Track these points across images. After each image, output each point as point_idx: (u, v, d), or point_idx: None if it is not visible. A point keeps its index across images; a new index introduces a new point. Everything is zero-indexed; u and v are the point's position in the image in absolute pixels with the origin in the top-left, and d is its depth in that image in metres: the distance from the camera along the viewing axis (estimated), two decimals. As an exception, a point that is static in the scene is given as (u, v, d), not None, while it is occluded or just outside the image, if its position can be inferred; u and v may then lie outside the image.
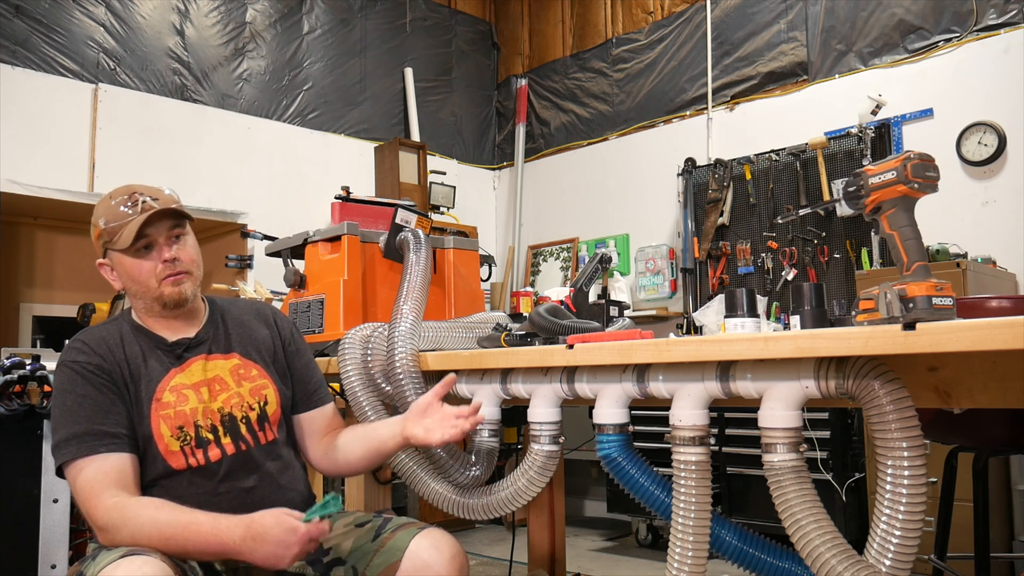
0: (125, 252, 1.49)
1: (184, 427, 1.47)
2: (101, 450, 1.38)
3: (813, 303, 1.49)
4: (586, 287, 2.19)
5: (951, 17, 3.82)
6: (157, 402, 1.47)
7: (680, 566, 1.37)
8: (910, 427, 1.18)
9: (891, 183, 1.22)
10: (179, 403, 1.48)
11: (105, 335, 1.52)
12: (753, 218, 4.36)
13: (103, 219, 1.50)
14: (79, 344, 1.51)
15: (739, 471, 3.58)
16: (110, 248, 1.51)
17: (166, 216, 1.51)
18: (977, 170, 3.67)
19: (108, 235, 1.49)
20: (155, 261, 1.50)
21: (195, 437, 1.47)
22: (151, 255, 1.50)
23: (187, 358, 1.54)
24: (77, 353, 1.48)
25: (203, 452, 1.47)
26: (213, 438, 1.49)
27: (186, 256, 1.53)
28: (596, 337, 1.56)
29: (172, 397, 1.49)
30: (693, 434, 1.41)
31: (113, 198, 1.51)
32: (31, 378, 1.95)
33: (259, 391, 1.58)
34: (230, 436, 1.51)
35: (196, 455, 1.47)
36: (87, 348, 1.49)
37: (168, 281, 1.51)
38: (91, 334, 1.53)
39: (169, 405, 1.47)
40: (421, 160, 4.87)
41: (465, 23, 5.79)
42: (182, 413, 1.47)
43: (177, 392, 1.50)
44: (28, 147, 3.67)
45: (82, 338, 1.52)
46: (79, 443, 1.38)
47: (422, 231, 2.13)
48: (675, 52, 4.89)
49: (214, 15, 4.45)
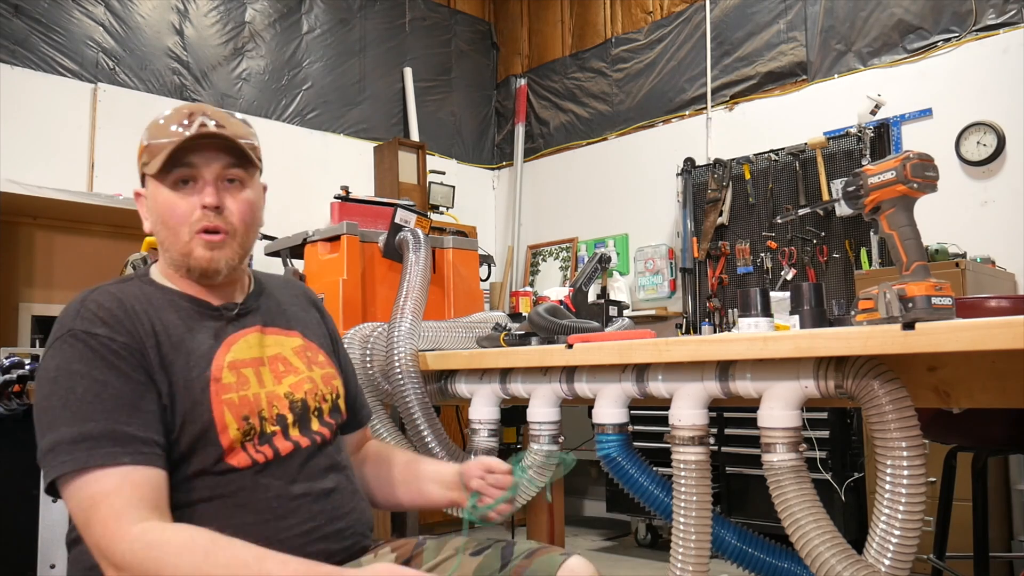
0: (160, 180, 1.14)
1: (250, 417, 1.12)
2: (124, 460, 0.99)
3: (812, 303, 1.49)
4: (585, 287, 2.19)
5: (950, 17, 3.82)
6: (216, 383, 1.11)
7: (683, 566, 1.37)
8: (909, 427, 1.18)
9: (890, 183, 1.22)
10: (241, 386, 1.13)
11: (125, 297, 1.12)
12: (752, 218, 4.36)
13: (147, 134, 1.17)
14: (93, 307, 1.09)
15: (738, 471, 3.58)
16: (146, 172, 1.16)
17: (222, 148, 1.14)
18: (976, 170, 3.67)
19: (147, 155, 1.15)
20: (194, 203, 1.13)
21: (259, 431, 1.12)
22: (192, 194, 1.14)
23: (238, 328, 1.19)
24: (93, 321, 1.07)
25: (268, 446, 1.13)
26: (279, 429, 1.15)
27: (236, 211, 1.16)
28: (595, 337, 1.56)
29: (232, 377, 1.13)
30: (693, 434, 1.41)
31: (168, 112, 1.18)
32: (30, 378, 1.94)
33: (330, 380, 1.27)
34: (299, 427, 1.17)
35: (261, 449, 1.12)
36: (106, 314, 1.08)
37: (203, 238, 1.13)
38: (106, 295, 1.12)
39: (231, 387, 1.12)
40: (420, 160, 4.87)
41: (464, 23, 5.78)
42: (246, 399, 1.12)
43: (236, 371, 1.14)
44: (27, 147, 3.66)
45: (97, 299, 1.10)
46: (92, 447, 0.98)
47: (421, 231, 2.14)
48: (674, 52, 4.89)
49: (213, 15, 4.44)
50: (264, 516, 1.08)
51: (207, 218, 1.13)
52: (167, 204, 1.14)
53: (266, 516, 1.08)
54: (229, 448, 1.09)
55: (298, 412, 1.18)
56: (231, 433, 1.09)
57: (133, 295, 1.14)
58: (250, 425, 1.11)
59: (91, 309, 1.09)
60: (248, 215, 1.18)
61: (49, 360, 1.06)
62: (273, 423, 1.14)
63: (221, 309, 1.19)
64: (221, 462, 1.08)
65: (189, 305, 1.17)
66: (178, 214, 1.13)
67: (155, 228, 1.18)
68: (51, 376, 1.05)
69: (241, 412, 1.11)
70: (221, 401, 1.10)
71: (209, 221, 1.13)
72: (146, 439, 1.02)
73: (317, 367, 1.25)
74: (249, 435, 1.11)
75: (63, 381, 1.03)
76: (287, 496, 1.11)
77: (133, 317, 1.10)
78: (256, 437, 1.12)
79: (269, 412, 1.14)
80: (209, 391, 1.10)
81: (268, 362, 1.19)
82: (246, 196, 1.18)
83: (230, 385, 1.12)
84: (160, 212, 1.15)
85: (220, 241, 1.14)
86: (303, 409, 1.19)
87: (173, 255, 1.16)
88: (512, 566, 1.16)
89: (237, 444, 1.10)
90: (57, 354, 1.06)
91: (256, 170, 1.20)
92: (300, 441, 1.16)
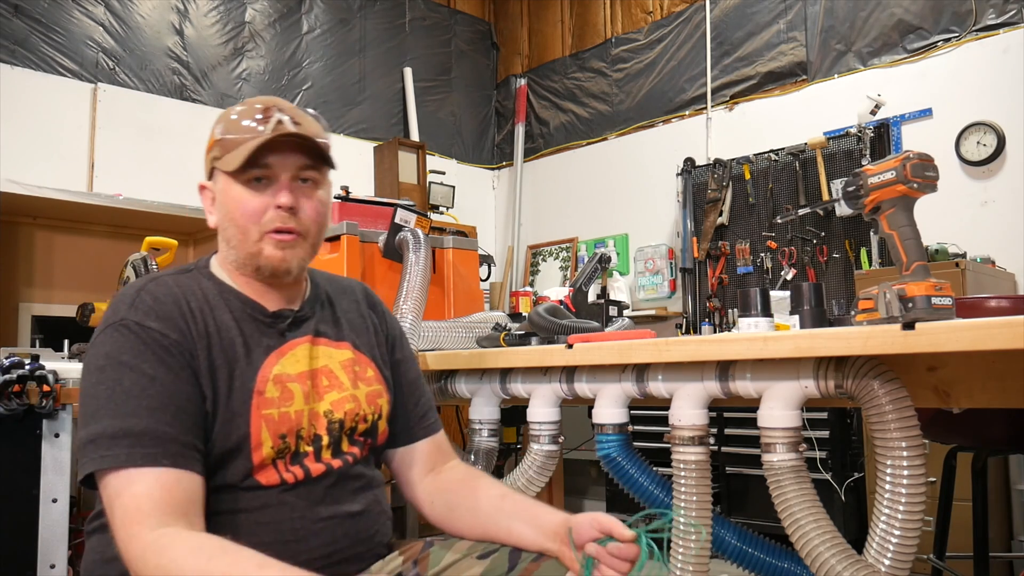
0: (234, 177, 1.10)
1: (287, 436, 1.08)
2: (164, 462, 0.97)
3: (812, 303, 1.49)
4: (585, 287, 2.19)
5: (950, 17, 3.82)
6: (259, 396, 1.07)
7: (683, 566, 1.37)
8: (909, 427, 1.18)
9: (890, 183, 1.22)
10: (283, 401, 1.09)
11: (181, 292, 1.09)
12: (752, 218, 4.36)
13: (220, 127, 1.13)
14: (149, 299, 1.06)
15: (738, 471, 3.58)
16: (218, 167, 1.12)
17: (298, 148, 1.11)
18: (976, 170, 3.67)
19: (220, 149, 1.11)
20: (267, 202, 1.10)
21: (293, 450, 1.09)
22: (265, 192, 1.10)
23: (289, 338, 1.14)
24: (147, 314, 1.04)
25: (300, 466, 1.09)
26: (312, 450, 1.11)
27: (310, 211, 1.13)
28: (595, 337, 1.56)
29: (276, 392, 1.09)
30: (692, 434, 1.41)
31: (243, 107, 1.14)
32: (30, 378, 1.94)
33: (375, 399, 1.20)
34: (331, 449, 1.13)
35: (292, 469, 1.08)
36: (161, 309, 1.05)
37: (273, 238, 1.10)
38: (164, 287, 1.09)
39: (273, 403, 1.08)
40: (420, 160, 4.87)
41: (464, 23, 5.78)
42: (286, 416, 1.09)
43: (281, 385, 1.10)
44: (27, 147, 3.66)
45: (153, 292, 1.07)
46: (132, 445, 0.96)
47: (421, 231, 2.13)
48: (674, 52, 4.89)
49: (213, 15, 4.44)
50: (284, 536, 1.05)
51: (280, 219, 1.10)
52: (239, 201, 1.10)
53: (287, 537, 1.05)
54: (260, 465, 1.06)
55: (335, 434, 1.14)
56: (264, 450, 1.06)
57: (191, 291, 1.11)
58: (286, 444, 1.08)
59: (146, 301, 1.05)
60: (321, 216, 1.15)
61: (99, 347, 1.03)
62: (308, 443, 1.11)
63: (275, 317, 1.15)
64: (249, 478, 1.05)
65: (243, 308, 1.13)
66: (249, 212, 1.10)
67: (222, 224, 1.14)
68: (100, 364, 1.02)
69: (279, 430, 1.08)
70: (260, 416, 1.06)
71: (283, 222, 1.10)
72: (186, 442, 1.00)
73: (363, 383, 1.20)
74: (282, 453, 1.08)
75: (111, 371, 1.00)
76: (311, 518, 1.07)
77: (187, 316, 1.07)
78: (289, 455, 1.09)
79: (307, 432, 1.11)
80: (250, 404, 1.06)
81: (313, 376, 1.15)
82: (320, 196, 1.15)
83: (272, 400, 1.08)
84: (230, 209, 1.11)
85: (292, 241, 1.11)
86: (339, 430, 1.14)
87: (240, 254, 1.13)
88: (519, 569, 1.12)
89: (269, 461, 1.07)
90: (107, 341, 1.03)
91: (329, 169, 1.17)
92: (332, 463, 1.12)
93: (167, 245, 2.81)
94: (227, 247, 1.15)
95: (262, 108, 1.12)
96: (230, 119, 1.13)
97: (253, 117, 1.11)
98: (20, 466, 1.96)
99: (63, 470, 1.98)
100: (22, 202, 3.49)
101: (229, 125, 1.12)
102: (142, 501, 0.94)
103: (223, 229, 1.14)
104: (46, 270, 3.87)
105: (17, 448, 1.96)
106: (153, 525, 0.93)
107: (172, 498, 0.96)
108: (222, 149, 1.11)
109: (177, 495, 0.96)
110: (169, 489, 0.96)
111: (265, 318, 1.14)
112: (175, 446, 0.98)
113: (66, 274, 3.90)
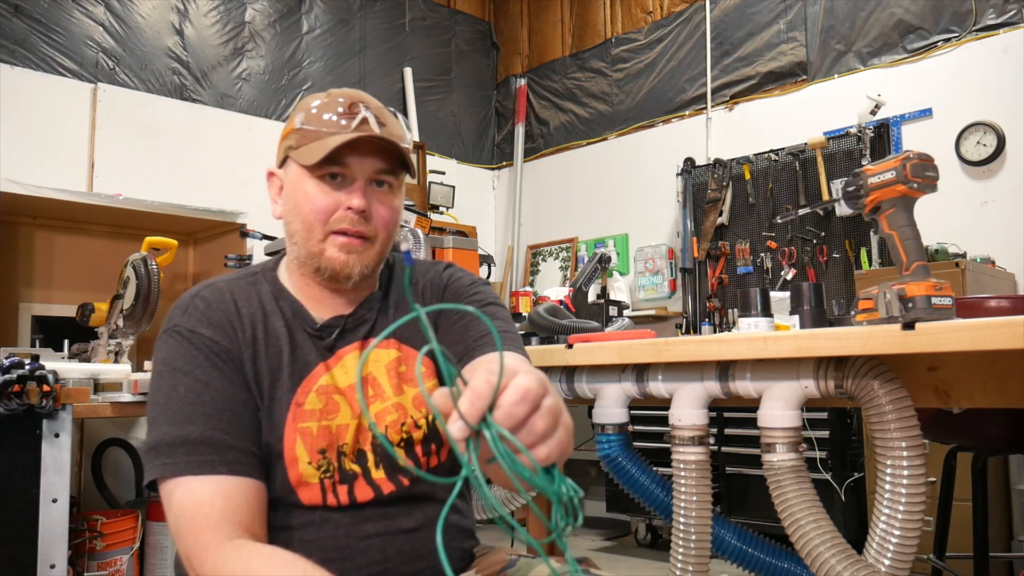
0: (309, 171, 1.05)
1: (327, 451, 1.03)
2: (222, 469, 0.95)
3: (812, 303, 1.49)
4: (585, 287, 2.19)
5: (950, 17, 3.82)
6: (297, 408, 1.03)
7: (683, 566, 1.37)
8: (909, 427, 1.18)
9: (890, 183, 1.22)
10: (326, 414, 1.04)
11: (234, 298, 1.07)
12: (752, 218, 4.36)
13: (301, 116, 1.07)
14: (202, 306, 1.05)
15: (738, 471, 3.58)
16: (292, 156, 1.07)
17: (381, 151, 1.05)
18: (976, 170, 3.67)
19: (298, 139, 1.06)
20: (339, 200, 1.04)
21: (338, 467, 1.03)
22: (338, 191, 1.05)
23: (338, 349, 1.08)
24: (200, 320, 1.03)
25: (347, 489, 1.03)
26: (361, 470, 1.04)
27: (381, 215, 1.06)
28: (595, 337, 1.56)
29: (318, 403, 1.04)
30: (693, 434, 1.41)
31: (326, 98, 1.08)
32: (30, 378, 1.94)
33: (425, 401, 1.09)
34: (383, 467, 1.05)
35: (339, 492, 1.02)
36: (214, 316, 1.04)
37: (339, 240, 1.04)
38: (216, 293, 1.07)
39: (312, 416, 1.03)
40: (420, 160, 4.87)
41: (464, 23, 5.78)
42: (327, 430, 1.03)
43: (326, 397, 1.04)
44: (27, 147, 3.66)
45: (206, 297, 1.06)
46: (190, 453, 0.95)
47: (421, 231, 2.13)
48: (674, 52, 4.89)
49: (213, 15, 4.44)
50: (329, 555, 1.00)
51: (350, 220, 1.04)
52: (309, 196, 1.05)
53: (331, 555, 1.00)
54: (298, 482, 1.01)
55: (380, 452, 1.06)
56: (300, 467, 1.01)
57: (245, 296, 1.08)
58: (327, 460, 1.02)
59: (199, 307, 1.05)
60: (393, 223, 1.09)
61: (157, 352, 1.04)
62: (353, 460, 1.04)
63: (322, 330, 1.08)
64: (292, 494, 1.01)
65: (295, 318, 1.08)
66: (318, 208, 1.04)
67: (287, 217, 1.09)
68: (158, 370, 1.02)
69: (318, 445, 1.02)
70: (296, 430, 1.02)
71: (352, 224, 1.04)
72: (243, 448, 0.98)
73: (409, 385, 1.10)
74: (327, 472, 1.02)
75: (167, 377, 1.00)
76: (357, 535, 1.02)
77: (236, 323, 1.05)
78: (336, 474, 1.03)
79: (352, 447, 1.04)
80: (286, 416, 1.02)
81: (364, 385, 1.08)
82: (394, 203, 1.09)
83: (313, 412, 1.03)
84: (299, 202, 1.06)
85: (360, 246, 1.05)
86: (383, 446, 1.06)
87: (301, 251, 1.07)
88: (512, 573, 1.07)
89: (313, 480, 1.02)
90: (163, 347, 1.03)
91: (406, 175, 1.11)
92: (382, 486, 1.04)
93: (167, 245, 2.81)
94: (290, 242, 1.10)
95: (347, 102, 1.06)
96: (311, 110, 1.07)
97: (336, 111, 1.05)
98: (20, 466, 1.96)
99: (63, 470, 1.98)
100: (22, 202, 3.50)
101: (310, 116, 1.07)
102: (207, 511, 0.93)
103: (288, 222, 1.09)
104: (46, 270, 3.87)
105: (17, 448, 1.96)
106: (222, 538, 0.91)
107: (235, 506, 0.94)
108: (300, 139, 1.06)
109: (238, 502, 0.95)
110: (230, 497, 0.94)
111: (313, 331, 1.08)
112: (231, 453, 0.97)
113: (66, 274, 3.90)
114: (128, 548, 2.48)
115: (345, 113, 1.05)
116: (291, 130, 1.08)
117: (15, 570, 1.93)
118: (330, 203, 1.04)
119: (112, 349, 2.60)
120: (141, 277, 2.57)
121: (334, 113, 1.05)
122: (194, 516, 0.92)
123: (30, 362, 1.96)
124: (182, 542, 0.93)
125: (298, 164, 1.06)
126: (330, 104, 1.06)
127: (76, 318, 2.85)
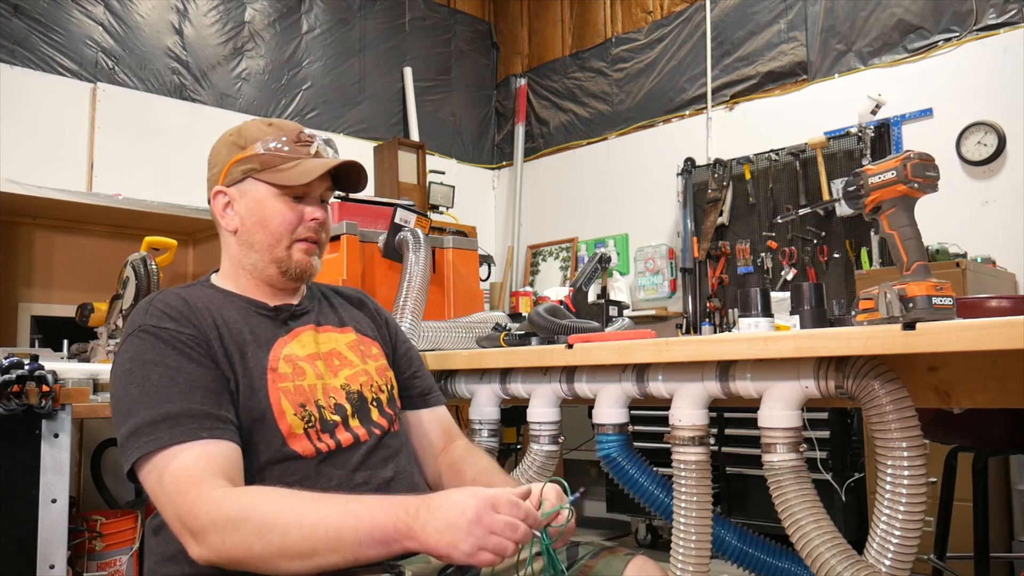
0: (278, 189, 1.25)
1: (306, 405, 1.18)
2: (203, 435, 1.05)
3: (813, 303, 1.49)
4: (585, 287, 2.19)
5: (951, 17, 3.81)
6: (273, 372, 1.18)
7: (684, 566, 1.37)
8: (910, 427, 1.18)
9: (891, 183, 1.22)
10: (296, 376, 1.20)
11: (188, 296, 1.22)
12: (752, 218, 4.36)
13: (259, 143, 1.25)
14: (160, 306, 1.17)
15: (739, 471, 3.58)
16: (254, 176, 1.25)
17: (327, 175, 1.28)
18: (977, 170, 3.67)
19: (262, 162, 1.24)
20: (301, 215, 1.26)
21: (319, 418, 1.18)
22: (299, 206, 1.26)
23: (293, 327, 1.27)
24: (161, 317, 1.15)
25: (330, 436, 1.18)
26: (340, 419, 1.20)
27: (326, 225, 1.32)
28: (595, 337, 1.56)
29: (288, 368, 1.20)
30: (693, 434, 1.41)
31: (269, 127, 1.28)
32: (29, 378, 1.94)
33: (385, 371, 1.34)
34: (359, 419, 1.23)
35: (324, 439, 1.17)
36: (174, 312, 1.16)
37: (303, 246, 1.27)
38: (171, 297, 1.20)
39: (287, 377, 1.19)
40: (420, 160, 4.87)
41: (464, 23, 5.78)
42: (301, 388, 1.19)
43: (292, 363, 1.21)
44: (27, 147, 3.66)
45: (164, 300, 1.19)
46: (173, 426, 1.04)
47: (421, 231, 2.13)
48: (675, 52, 4.89)
49: (213, 14, 4.44)
50: None
51: (310, 231, 1.27)
52: (277, 213, 1.25)
53: None
54: (289, 434, 1.15)
55: (356, 404, 1.24)
56: (288, 419, 1.15)
57: (196, 295, 1.23)
58: (308, 412, 1.18)
59: (158, 307, 1.17)
60: (330, 229, 1.35)
61: (122, 355, 1.14)
62: (332, 412, 1.20)
63: (277, 310, 1.28)
64: (285, 447, 1.14)
65: (247, 305, 1.26)
66: (289, 221, 1.25)
67: (250, 230, 1.26)
68: (126, 368, 1.12)
69: (297, 400, 1.17)
70: (277, 389, 1.17)
71: (314, 233, 1.28)
72: (220, 416, 1.09)
73: (371, 359, 1.32)
74: (310, 422, 1.17)
75: (138, 371, 1.10)
76: (348, 484, 1.15)
77: (197, 313, 1.18)
78: (318, 423, 1.18)
79: (326, 401, 1.21)
80: (266, 379, 1.17)
81: (323, 357, 1.26)
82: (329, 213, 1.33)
83: (286, 375, 1.19)
84: (266, 217, 1.25)
85: (317, 249, 1.30)
86: (360, 400, 1.25)
87: (264, 257, 1.27)
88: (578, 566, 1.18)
89: (299, 431, 1.16)
90: (129, 348, 1.13)
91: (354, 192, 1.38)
92: (360, 434, 1.21)
93: (166, 245, 2.81)
94: (248, 250, 1.27)
95: (295, 132, 1.28)
96: (264, 133, 1.26)
97: (293, 139, 1.27)
98: (19, 466, 1.95)
99: (62, 470, 1.98)
100: (22, 202, 3.49)
101: (268, 142, 1.25)
102: (192, 469, 1.02)
103: (249, 234, 1.27)
104: (46, 270, 3.87)
105: (17, 448, 1.96)
106: (213, 485, 1.01)
107: (218, 464, 1.04)
108: (264, 163, 1.24)
109: (220, 460, 1.05)
110: (212, 457, 1.04)
111: (268, 311, 1.27)
112: (210, 420, 1.07)
113: (65, 274, 3.89)
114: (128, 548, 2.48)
115: (300, 144, 1.27)
116: (246, 155, 1.25)
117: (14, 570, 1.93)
118: (295, 217, 1.26)
119: (112, 349, 2.59)
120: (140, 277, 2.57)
121: (290, 139, 1.27)
122: (180, 478, 1.02)
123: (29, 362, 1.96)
124: (172, 507, 1.02)
125: (266, 184, 1.25)
126: (280, 132, 1.27)
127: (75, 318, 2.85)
